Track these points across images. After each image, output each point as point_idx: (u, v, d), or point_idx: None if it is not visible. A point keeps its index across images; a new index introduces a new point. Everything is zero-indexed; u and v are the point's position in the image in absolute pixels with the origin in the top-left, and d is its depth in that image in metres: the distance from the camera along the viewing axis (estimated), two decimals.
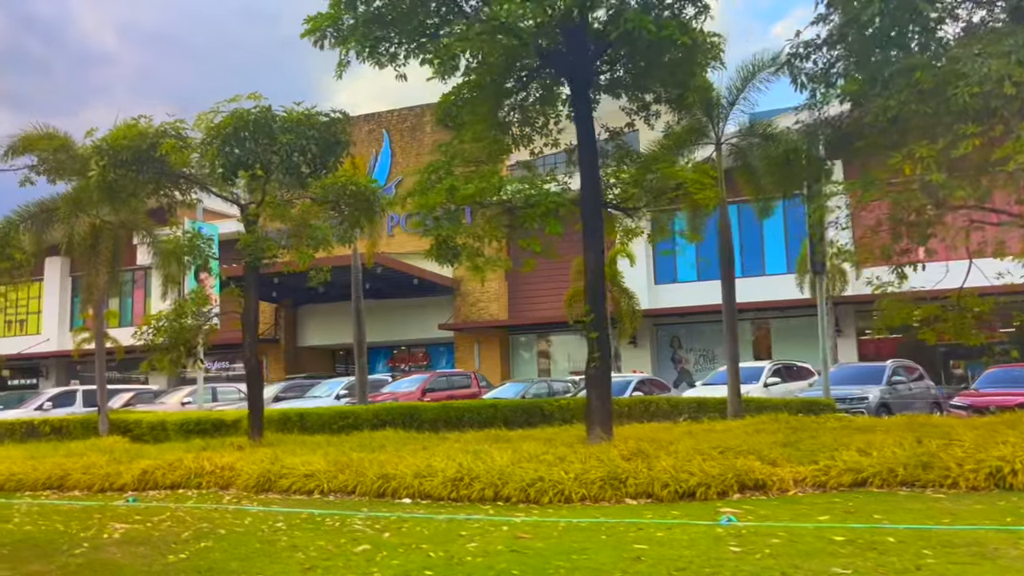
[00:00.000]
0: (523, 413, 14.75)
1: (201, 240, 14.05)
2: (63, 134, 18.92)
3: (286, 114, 12.79)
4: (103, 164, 12.57)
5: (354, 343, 21.29)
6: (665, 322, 35.43)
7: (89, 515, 9.35)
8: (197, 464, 11.32)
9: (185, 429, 17.06)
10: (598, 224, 11.37)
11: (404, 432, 14.44)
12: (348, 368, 42.74)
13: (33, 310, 49.28)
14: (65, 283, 47.41)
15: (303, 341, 42.85)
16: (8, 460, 13.17)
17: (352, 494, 9.94)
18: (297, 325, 42.47)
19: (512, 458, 9.76)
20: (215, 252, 14.93)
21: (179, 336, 13.84)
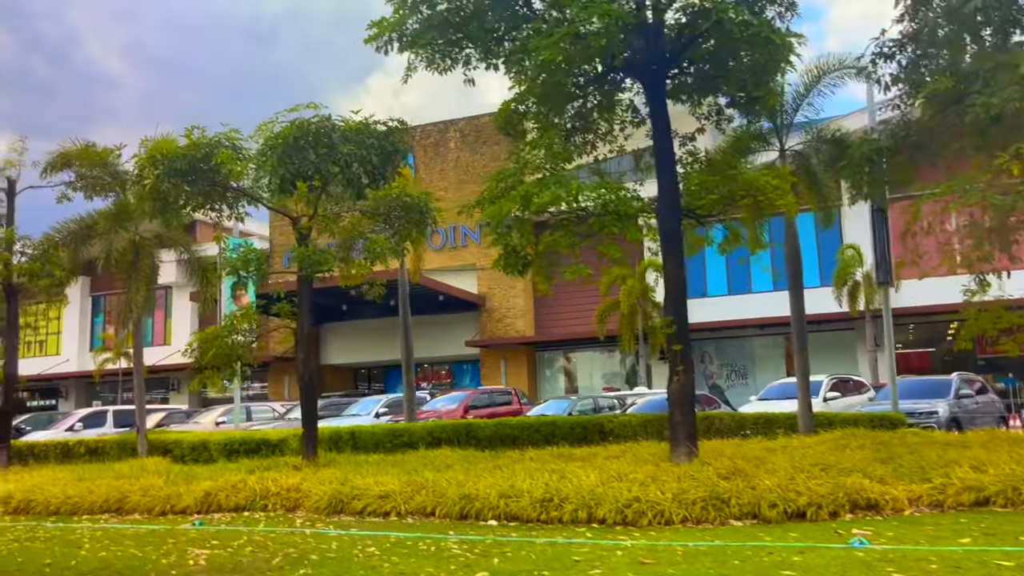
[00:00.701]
0: (582, 430, 14.28)
1: (256, 254, 13.68)
2: (101, 148, 18.65)
3: (344, 123, 12.43)
4: (157, 173, 12.21)
5: (402, 360, 20.85)
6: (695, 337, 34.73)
7: (161, 539, 8.90)
8: (261, 485, 10.87)
9: (229, 449, 16.61)
10: (676, 232, 10.94)
11: (461, 450, 13.98)
12: (371, 387, 42.32)
13: (53, 331, 49.00)
14: (85, 303, 47.18)
15: (324, 360, 42.39)
16: (59, 482, 12.75)
17: (431, 516, 9.48)
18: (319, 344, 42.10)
19: (600, 477, 9.30)
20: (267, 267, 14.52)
21: (231, 353, 13.42)
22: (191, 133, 12.86)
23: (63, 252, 17.72)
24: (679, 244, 10.95)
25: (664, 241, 10.88)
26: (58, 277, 17.43)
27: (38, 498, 11.88)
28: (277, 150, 11.96)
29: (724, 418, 14.12)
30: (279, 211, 14.02)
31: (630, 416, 14.56)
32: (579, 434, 14.27)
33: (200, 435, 18.14)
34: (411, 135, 39.97)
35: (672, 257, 10.82)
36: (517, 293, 37.10)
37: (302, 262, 13.02)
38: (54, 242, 17.74)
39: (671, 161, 11.03)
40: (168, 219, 13.20)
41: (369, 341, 39.04)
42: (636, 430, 14.11)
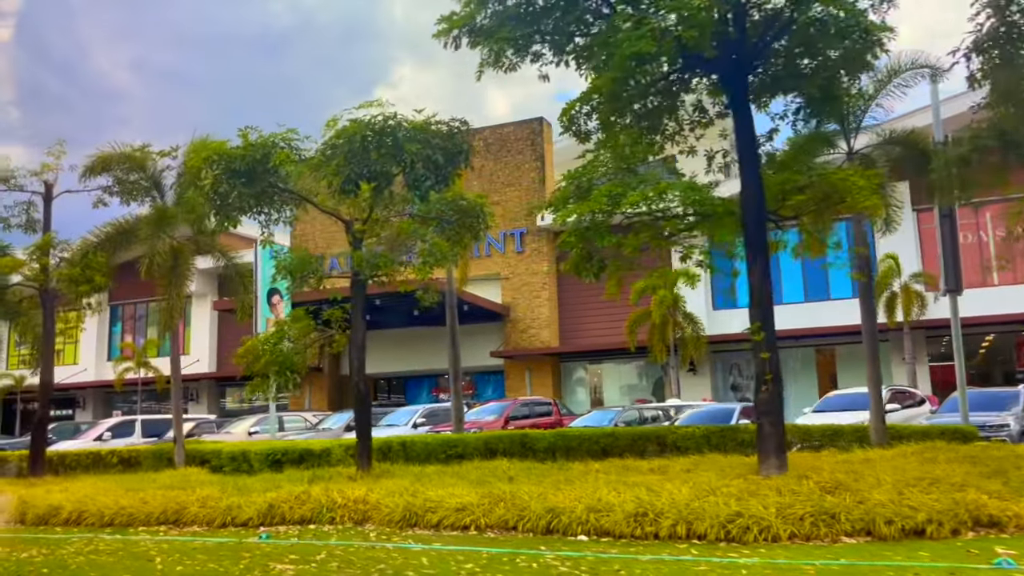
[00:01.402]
0: (643, 442, 13.81)
1: (312, 256, 13.28)
2: (140, 153, 18.34)
3: (408, 122, 12.03)
4: (216, 174, 11.83)
5: (449, 369, 20.41)
6: (724, 349, 34.33)
7: (234, 553, 8.46)
8: (327, 497, 10.43)
9: (272, 460, 16.17)
10: (762, 235, 10.52)
11: (519, 462, 13.53)
12: (390, 398, 41.84)
13: (70, 340, 48.64)
14: (103, 312, 46.86)
15: (345, 370, 41.96)
16: (108, 492, 12.32)
17: (514, 530, 9.03)
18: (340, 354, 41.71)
19: (692, 491, 8.84)
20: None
21: (284, 361, 13.01)
22: (247, 134, 12.50)
23: (102, 257, 17.35)
24: (765, 246, 10.52)
25: (749, 243, 10.46)
26: (98, 283, 17.05)
27: (90, 509, 11.45)
28: (343, 149, 11.57)
29: (790, 430, 13.60)
30: (331, 214, 13.61)
31: (693, 428, 14.10)
32: (640, 446, 13.81)
33: (240, 445, 17.71)
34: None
35: (758, 260, 10.39)
36: (542, 303, 36.71)
37: (360, 265, 12.61)
38: (93, 247, 17.37)
39: (755, 161, 10.61)
40: (221, 222, 12.80)
41: (389, 352, 38.57)
42: (699, 442, 13.64)
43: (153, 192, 18.94)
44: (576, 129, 12.35)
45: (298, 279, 13.08)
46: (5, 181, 18.72)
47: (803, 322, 31.60)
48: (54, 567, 8.03)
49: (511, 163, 37.66)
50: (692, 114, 12.33)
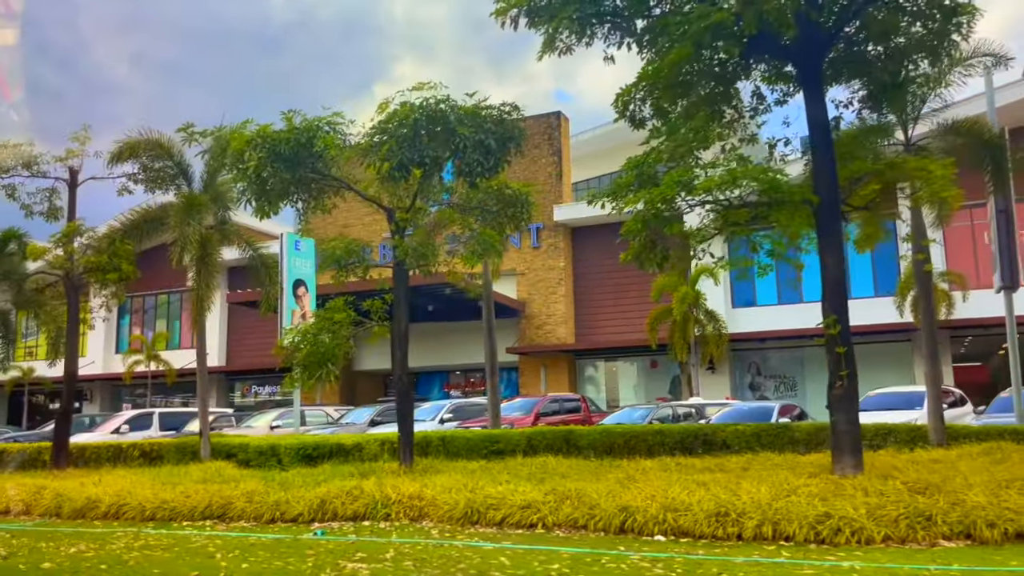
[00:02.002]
0: (692, 439, 13.44)
1: (358, 246, 12.89)
2: (167, 140, 17.94)
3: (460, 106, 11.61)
4: (261, 156, 11.43)
5: (486, 363, 20.03)
6: (743, 347, 33.95)
7: (296, 550, 8.08)
8: (381, 492, 10.04)
9: (303, 455, 15.79)
10: (836, 224, 10.14)
11: (565, 459, 13.16)
12: None
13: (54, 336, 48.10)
14: (111, 305, 46.35)
15: (357, 365, 41.60)
16: (143, 486, 11.93)
17: (583, 529, 8.66)
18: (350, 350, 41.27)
19: (772, 491, 8.47)
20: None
21: (326, 352, 12.62)
22: (291, 117, 12.10)
23: (129, 245, 16.94)
24: (839, 234, 10.14)
25: (822, 231, 10.06)
26: (125, 271, 16.64)
27: (130, 503, 11.06)
28: (395, 132, 11.17)
29: None
30: (373, 201, 13.20)
31: (743, 426, 13.71)
32: (687, 444, 13.43)
33: (268, 439, 17.33)
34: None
35: (832, 248, 10.00)
36: (558, 299, 36.35)
37: (406, 255, 12.22)
38: (119, 234, 16.96)
39: (829, 148, 10.22)
40: (262, 207, 12.39)
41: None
42: (749, 440, 13.27)
43: (179, 180, 18.55)
44: (631, 115, 12.01)
45: (345, 268, 12.67)
46: (28, 167, 18.32)
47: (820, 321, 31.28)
48: (112, 563, 7.64)
49: (527, 157, 37.17)
50: (751, 101, 11.99)
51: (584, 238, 36.34)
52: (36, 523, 11.22)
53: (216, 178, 18.15)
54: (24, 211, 18.62)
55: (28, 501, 12.22)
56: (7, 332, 22.00)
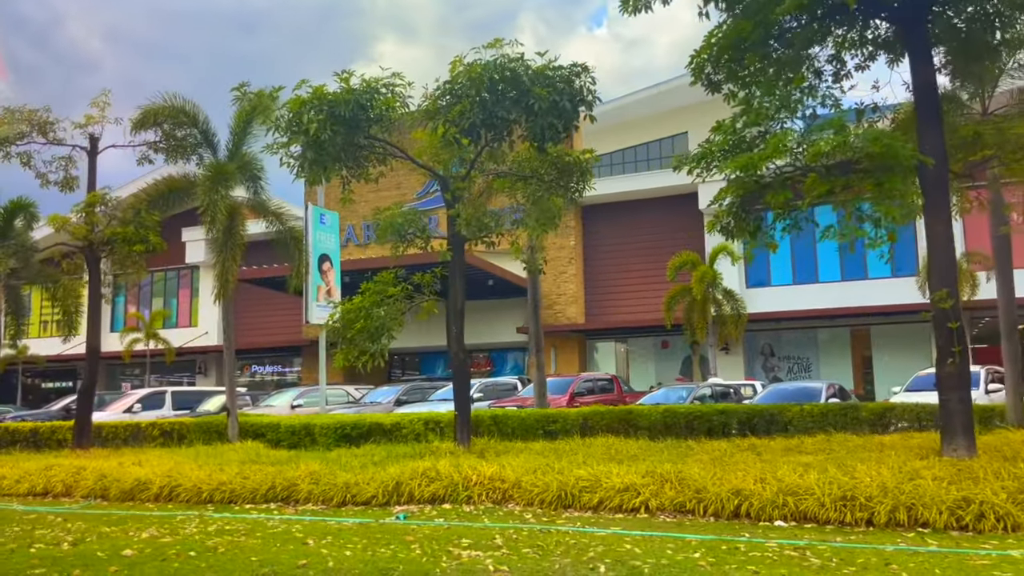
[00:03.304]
0: (758, 420, 12.95)
1: (419, 215, 12.23)
2: (192, 106, 17.14)
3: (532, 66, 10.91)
4: (320, 119, 10.72)
5: (530, 340, 19.45)
6: (756, 328, 33.59)
7: (393, 537, 7.49)
8: (460, 474, 9.46)
9: (340, 434, 15.20)
10: (944, 190, 9.61)
11: (626, 439, 12.64)
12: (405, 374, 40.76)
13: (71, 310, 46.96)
14: (107, 282, 45.34)
15: None
16: (189, 466, 11.29)
17: (690, 513, 8.14)
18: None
19: (895, 475, 7.97)
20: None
21: (382, 327, 11.99)
22: (348, 77, 11.37)
23: (156, 215, 16.16)
24: (947, 202, 9.61)
25: (930, 198, 9.50)
26: (153, 243, 15.87)
27: (184, 484, 10.42)
28: (469, 91, 10.47)
29: (913, 409, 12.78)
30: (427, 168, 12.49)
31: (810, 406, 13.23)
32: (752, 425, 12.94)
33: (301, 418, 16.69)
34: None
35: (941, 217, 9.47)
36: (568, 279, 35.79)
37: (468, 225, 11.58)
38: (145, 203, 16.16)
39: (936, 108, 9.66)
40: (317, 174, 11.68)
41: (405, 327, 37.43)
42: (817, 420, 12.79)
43: (202, 149, 17.77)
44: (707, 79, 11.43)
45: (404, 239, 12.00)
46: (44, 133, 17.48)
47: (839, 301, 30.98)
48: (200, 550, 7.03)
49: None
50: (834, 66, 11.44)
51: (595, 216, 35.77)
52: (83, 506, 10.57)
53: (242, 146, 17.40)
54: (39, 180, 17.81)
55: (68, 482, 11.55)
56: (18, 308, 21.17)
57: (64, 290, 18.67)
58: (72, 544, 7.55)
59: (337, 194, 34.68)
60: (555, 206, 12.02)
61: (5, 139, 16.63)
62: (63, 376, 46.87)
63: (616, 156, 43.28)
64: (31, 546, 7.55)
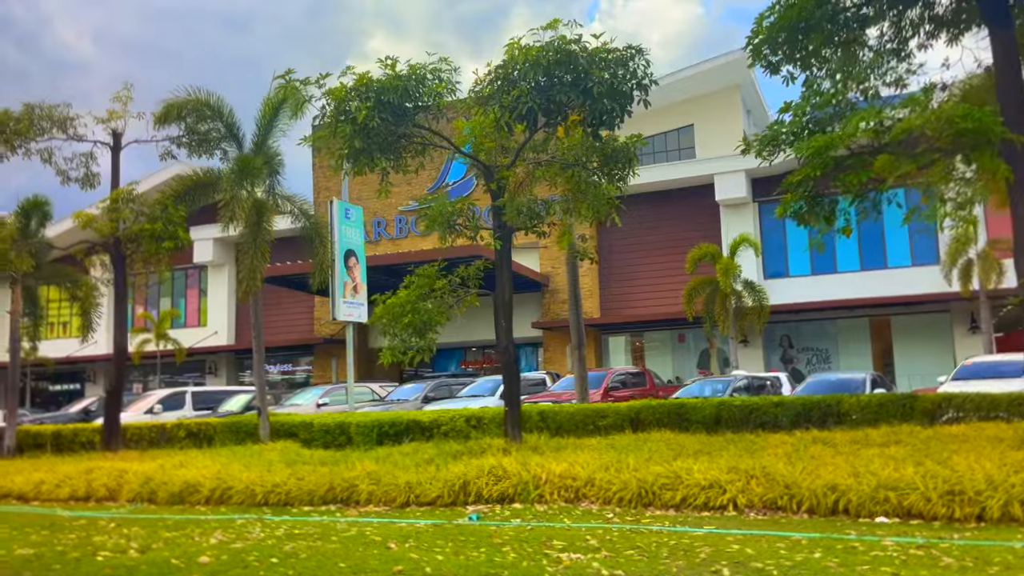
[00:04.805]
0: (813, 411, 12.59)
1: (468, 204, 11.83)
2: (216, 99, 16.73)
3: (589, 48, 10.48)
4: (369, 106, 10.32)
5: (572, 335, 19.09)
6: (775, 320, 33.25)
7: (479, 539, 7.11)
8: (527, 472, 9.09)
9: (379, 433, 14.82)
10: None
11: (679, 434, 12.28)
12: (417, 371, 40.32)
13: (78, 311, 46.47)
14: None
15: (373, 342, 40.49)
16: (241, 468, 10.90)
17: (781, 510, 7.78)
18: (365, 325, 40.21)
19: (999, 468, 7.61)
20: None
21: (430, 320, 11.61)
22: (394, 64, 10.97)
23: (182, 210, 15.74)
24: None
25: (1017, 176, 9.10)
26: (182, 239, 15.46)
27: (236, 487, 10.05)
28: (528, 74, 10.07)
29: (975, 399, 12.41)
30: (471, 158, 12.09)
31: (867, 398, 12.89)
32: (808, 416, 12.58)
33: (335, 417, 16.30)
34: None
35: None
36: (583, 272, 35.20)
37: (518, 214, 11.20)
38: (171, 200, 15.74)
39: (1018, 78, 9.28)
40: (363, 165, 11.27)
41: None
42: (875, 412, 12.43)
43: (226, 143, 17.36)
44: (765, 60, 11.08)
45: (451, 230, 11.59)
46: (63, 129, 17.05)
47: (857, 292, 30.67)
48: (281, 557, 6.65)
49: None
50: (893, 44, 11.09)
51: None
52: (130, 510, 10.18)
53: (268, 139, 16.99)
54: (60, 177, 17.39)
55: (111, 486, 11.18)
56: (34, 309, 20.76)
57: (86, 289, 18.25)
58: (139, 551, 7.17)
59: (357, 191, 34.06)
60: (610, 192, 11.62)
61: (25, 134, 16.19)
62: (70, 379, 46.39)
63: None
64: (95, 554, 7.17)
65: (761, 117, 42.86)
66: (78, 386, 46.25)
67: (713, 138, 35.50)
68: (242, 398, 22.44)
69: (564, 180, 12.65)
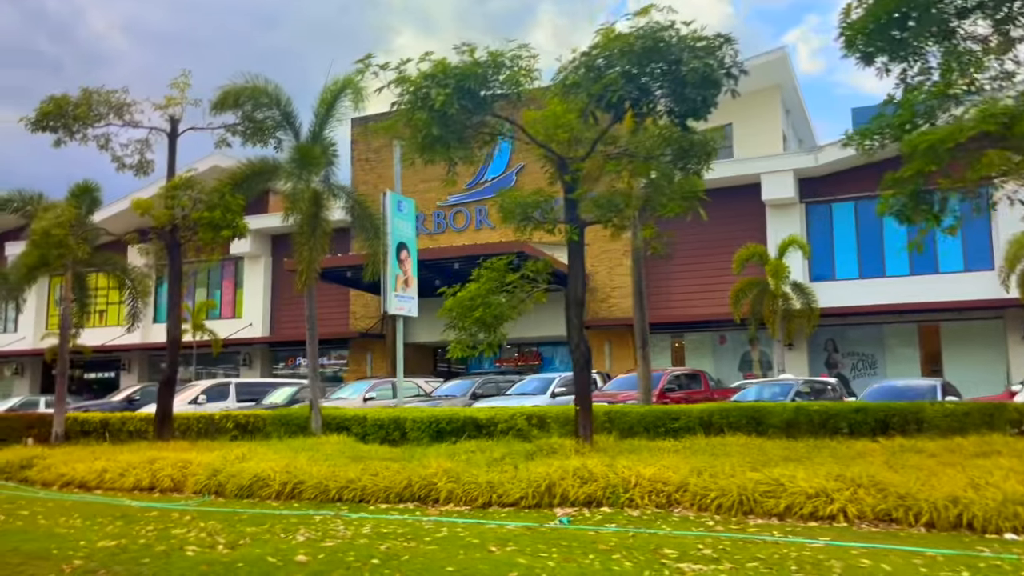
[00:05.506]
0: (895, 419, 12.11)
1: (544, 195, 11.48)
2: (274, 87, 16.49)
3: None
4: (448, 93, 9.99)
5: (636, 332, 18.68)
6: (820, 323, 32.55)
7: (583, 544, 6.75)
8: (615, 475, 8.72)
9: (435, 429, 14.51)
10: None
11: (755, 438, 11.86)
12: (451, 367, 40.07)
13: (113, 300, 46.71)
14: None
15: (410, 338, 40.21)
16: (307, 462, 10.62)
17: (895, 522, 7.35)
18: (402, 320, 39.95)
19: None
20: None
21: (501, 315, 11.28)
22: (472, 49, 10.63)
23: (240, 199, 15.50)
24: None
25: None
26: (240, 228, 15.23)
27: (308, 482, 9.77)
28: (620, 61, 9.68)
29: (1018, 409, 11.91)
30: (545, 148, 11.69)
31: (952, 405, 12.39)
32: (892, 424, 12.10)
33: (390, 412, 16.02)
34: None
35: None
36: (623, 272, 34.88)
37: (598, 206, 10.82)
38: (229, 188, 15.50)
39: None
40: (439, 154, 10.94)
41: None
42: (961, 420, 11.93)
43: (279, 132, 17.13)
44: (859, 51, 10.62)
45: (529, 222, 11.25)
46: (120, 115, 16.90)
47: (906, 297, 29.95)
48: (383, 558, 6.33)
49: None
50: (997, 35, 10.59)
51: None
52: (198, 502, 9.94)
53: (326, 128, 16.73)
54: (115, 163, 17.25)
55: (176, 477, 10.95)
56: (82, 296, 20.68)
57: (138, 277, 18.11)
58: (229, 547, 6.89)
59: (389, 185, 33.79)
60: (696, 185, 11.20)
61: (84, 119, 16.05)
62: (103, 367, 46.58)
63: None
64: (182, 548, 6.90)
65: (800, 118, 42.12)
66: (112, 374, 46.43)
67: (751, 137, 34.89)
68: (287, 390, 22.25)
69: (644, 172, 12.18)
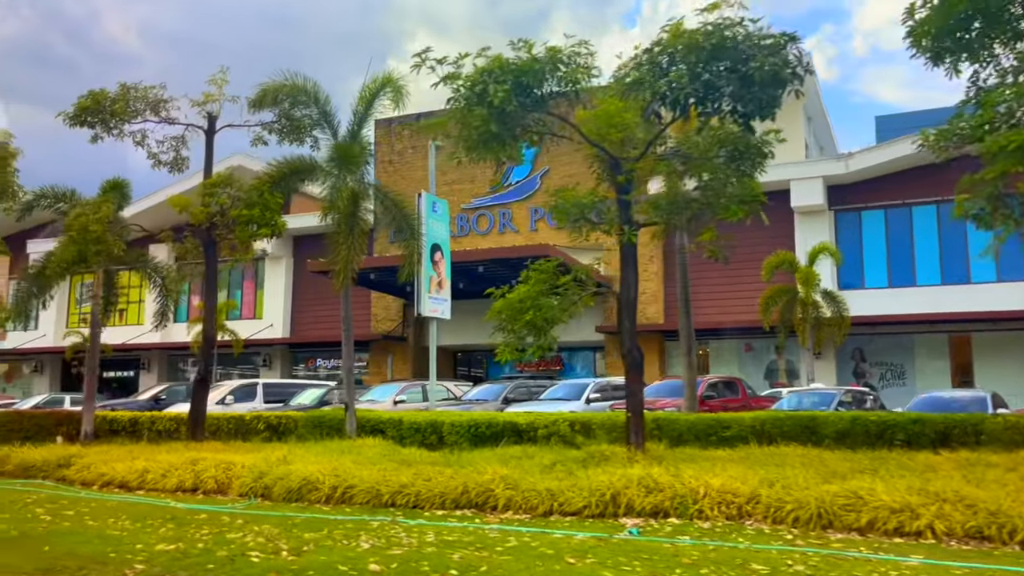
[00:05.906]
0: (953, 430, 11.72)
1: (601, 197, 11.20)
2: (312, 85, 16.28)
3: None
4: (506, 89, 9.73)
5: (681, 336, 18.39)
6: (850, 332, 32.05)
7: (663, 558, 6.44)
8: (682, 485, 8.41)
9: (473, 433, 14.23)
10: None
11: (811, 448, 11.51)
12: (471, 371, 39.79)
13: (134, 299, 46.69)
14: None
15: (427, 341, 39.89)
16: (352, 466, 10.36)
17: (987, 540, 7.01)
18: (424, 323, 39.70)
19: None
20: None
21: (552, 318, 11.00)
22: (531, 44, 10.36)
23: (279, 197, 15.28)
24: None
25: None
26: (279, 226, 15.01)
27: (359, 486, 9.50)
28: (687, 58, 9.40)
29: None
30: (599, 147, 11.38)
31: (1016, 417, 12.02)
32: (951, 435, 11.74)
33: (426, 415, 15.76)
34: None
35: None
36: (649, 277, 34.52)
37: (656, 207, 10.52)
38: (268, 186, 15.28)
39: None
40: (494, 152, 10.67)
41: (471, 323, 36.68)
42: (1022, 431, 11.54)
43: (315, 131, 16.93)
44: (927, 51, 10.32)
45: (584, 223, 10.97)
46: (157, 112, 16.74)
47: (937, 306, 29.47)
48: (460, 569, 6.05)
49: None
50: None
51: None
52: (246, 505, 9.68)
53: (364, 127, 16.53)
54: (151, 160, 17.09)
55: (220, 479, 10.71)
56: (109, 292, 20.50)
57: (171, 275, 17.93)
58: (294, 554, 6.62)
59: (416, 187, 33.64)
60: (754, 188, 10.90)
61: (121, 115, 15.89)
62: (123, 366, 46.54)
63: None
64: (244, 554, 6.63)
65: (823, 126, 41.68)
66: (131, 373, 46.40)
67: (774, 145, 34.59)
68: (315, 392, 22.04)
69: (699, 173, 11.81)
